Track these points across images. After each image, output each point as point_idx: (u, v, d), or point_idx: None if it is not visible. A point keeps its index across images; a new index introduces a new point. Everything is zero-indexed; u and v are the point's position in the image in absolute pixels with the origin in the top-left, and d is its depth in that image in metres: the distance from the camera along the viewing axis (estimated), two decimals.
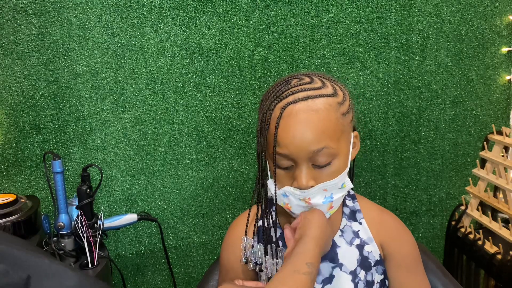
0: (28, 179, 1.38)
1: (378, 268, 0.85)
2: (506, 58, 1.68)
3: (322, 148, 0.74)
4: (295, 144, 0.74)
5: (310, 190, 0.76)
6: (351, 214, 0.88)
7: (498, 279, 1.22)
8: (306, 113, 0.75)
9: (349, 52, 1.54)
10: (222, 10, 1.42)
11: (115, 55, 1.37)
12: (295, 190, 0.77)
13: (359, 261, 0.84)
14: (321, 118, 0.75)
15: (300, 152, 0.74)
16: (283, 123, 0.75)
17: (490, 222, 1.29)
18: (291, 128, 0.74)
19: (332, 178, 0.77)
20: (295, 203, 0.79)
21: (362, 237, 0.86)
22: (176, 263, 1.57)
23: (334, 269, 0.83)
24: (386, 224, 0.88)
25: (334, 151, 0.76)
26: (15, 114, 1.33)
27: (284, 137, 0.75)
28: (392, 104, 1.62)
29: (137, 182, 1.47)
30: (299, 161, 0.75)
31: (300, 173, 0.76)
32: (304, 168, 0.75)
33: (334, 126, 0.76)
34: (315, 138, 0.74)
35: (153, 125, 1.45)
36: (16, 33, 1.29)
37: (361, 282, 0.83)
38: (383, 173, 1.65)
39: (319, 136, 0.74)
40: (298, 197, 0.77)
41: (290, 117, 0.75)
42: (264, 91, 1.50)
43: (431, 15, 1.58)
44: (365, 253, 0.85)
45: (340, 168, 0.77)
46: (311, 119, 0.74)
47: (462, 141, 1.71)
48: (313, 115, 0.75)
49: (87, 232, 1.13)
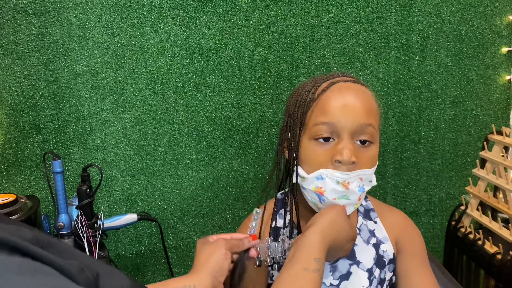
0: (28, 179, 1.38)
1: (390, 266, 0.86)
2: (506, 58, 1.68)
3: (369, 124, 0.74)
4: (345, 113, 0.73)
5: (352, 174, 0.73)
6: (366, 212, 0.89)
7: (498, 279, 1.22)
8: (357, 91, 0.75)
9: (349, 52, 1.54)
10: (222, 10, 1.42)
11: (115, 55, 1.37)
12: (335, 172, 0.72)
13: (375, 260, 0.85)
14: (369, 100, 0.76)
15: (348, 122, 0.72)
16: (333, 94, 0.74)
17: (490, 222, 1.29)
18: (342, 98, 0.74)
19: (369, 165, 0.75)
20: (331, 186, 0.73)
21: (378, 236, 0.87)
22: (176, 263, 1.57)
23: (352, 266, 0.84)
24: (398, 222, 0.90)
25: (376, 135, 0.76)
26: (15, 114, 1.33)
27: (333, 106, 0.73)
28: (392, 104, 1.62)
29: (137, 182, 1.47)
30: (344, 134, 0.73)
31: (344, 145, 0.72)
32: (348, 141, 0.73)
33: (377, 113, 0.77)
34: (365, 112, 0.74)
35: (153, 125, 1.44)
36: (16, 33, 1.29)
37: (375, 279, 0.84)
38: (383, 173, 1.65)
39: (368, 111, 0.74)
40: (337, 179, 0.72)
41: (342, 89, 0.75)
42: (264, 91, 1.50)
43: (431, 15, 1.58)
44: (381, 252, 0.86)
45: (375, 157, 0.77)
46: (362, 96, 0.75)
47: (462, 141, 1.71)
48: (363, 94, 0.76)
49: (87, 232, 1.13)
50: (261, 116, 1.52)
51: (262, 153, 1.55)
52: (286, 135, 0.81)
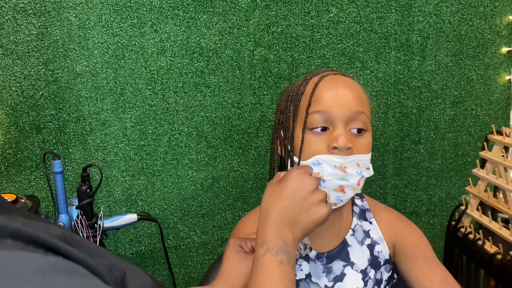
0: (28, 179, 1.38)
1: (387, 266, 0.86)
2: (506, 58, 1.68)
3: (362, 111, 0.75)
4: (338, 101, 0.74)
5: (349, 158, 0.73)
6: (361, 213, 0.89)
7: (498, 279, 1.22)
8: (348, 82, 0.78)
9: (349, 52, 1.54)
10: (222, 10, 1.42)
11: (115, 55, 1.37)
12: (332, 156, 0.73)
13: (369, 261, 0.84)
14: (359, 90, 0.78)
15: (341, 109, 0.74)
16: (325, 85, 0.76)
17: (490, 222, 1.29)
18: (334, 87, 0.76)
19: (365, 152, 0.75)
20: (328, 171, 0.73)
21: (373, 237, 0.86)
22: (176, 263, 1.57)
23: (346, 267, 0.84)
24: (394, 222, 0.89)
25: (368, 123, 0.77)
26: (15, 114, 1.33)
27: (326, 95, 0.75)
28: (392, 104, 1.62)
29: (137, 182, 1.47)
30: (338, 122, 0.74)
31: (340, 132, 0.73)
32: (342, 129, 0.74)
33: (367, 105, 0.79)
34: (357, 100, 0.76)
35: (153, 125, 1.44)
36: (16, 33, 1.29)
37: (370, 280, 0.84)
38: (383, 173, 1.65)
39: (360, 99, 0.76)
40: (335, 163, 0.72)
41: (333, 80, 0.77)
42: (264, 91, 1.50)
43: (431, 15, 1.58)
44: (376, 253, 0.85)
45: (369, 144, 0.78)
46: (353, 86, 0.78)
47: (462, 141, 1.71)
48: (353, 84, 0.78)
49: (87, 232, 1.13)
50: (261, 116, 1.52)
51: (262, 153, 1.55)
52: (279, 132, 0.82)
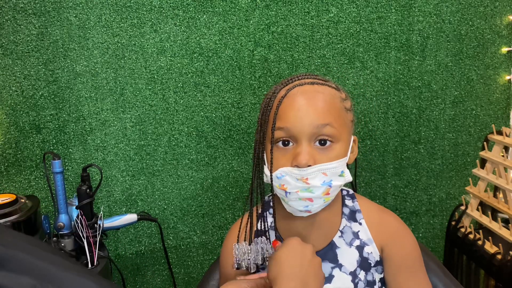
0: (28, 179, 1.38)
1: (378, 268, 0.85)
2: (506, 58, 1.68)
3: (326, 124, 0.75)
4: (300, 118, 0.74)
5: (309, 170, 0.74)
6: (350, 214, 0.87)
7: (498, 279, 1.22)
8: (313, 93, 0.77)
9: (349, 52, 1.54)
10: (222, 10, 1.42)
11: (115, 55, 1.37)
12: (293, 169, 0.75)
13: (358, 262, 0.83)
14: (326, 100, 0.77)
15: (303, 126, 0.74)
16: (288, 100, 0.76)
17: (490, 222, 1.29)
18: (296, 103, 0.76)
19: (328, 161, 0.76)
20: (292, 183, 0.75)
21: (362, 238, 0.85)
22: (176, 263, 1.57)
23: (334, 269, 0.83)
24: (386, 225, 0.87)
25: (337, 133, 0.76)
26: (15, 114, 1.33)
27: (288, 112, 0.75)
28: (392, 104, 1.62)
29: (137, 182, 1.47)
30: (301, 138, 0.75)
31: (300, 150, 0.74)
32: (305, 145, 0.75)
33: (338, 111, 0.78)
34: (321, 114, 0.75)
35: (153, 125, 1.44)
36: (16, 33, 1.29)
37: (361, 282, 0.83)
38: (383, 173, 1.65)
39: (324, 113, 0.76)
40: (296, 176, 0.75)
41: (297, 95, 0.77)
42: (264, 91, 1.50)
43: (431, 15, 1.58)
44: (365, 254, 0.84)
45: (340, 154, 0.77)
46: (317, 98, 0.76)
47: (462, 141, 1.71)
48: (319, 95, 0.77)
49: (87, 232, 1.13)
50: None
51: None
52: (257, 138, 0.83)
